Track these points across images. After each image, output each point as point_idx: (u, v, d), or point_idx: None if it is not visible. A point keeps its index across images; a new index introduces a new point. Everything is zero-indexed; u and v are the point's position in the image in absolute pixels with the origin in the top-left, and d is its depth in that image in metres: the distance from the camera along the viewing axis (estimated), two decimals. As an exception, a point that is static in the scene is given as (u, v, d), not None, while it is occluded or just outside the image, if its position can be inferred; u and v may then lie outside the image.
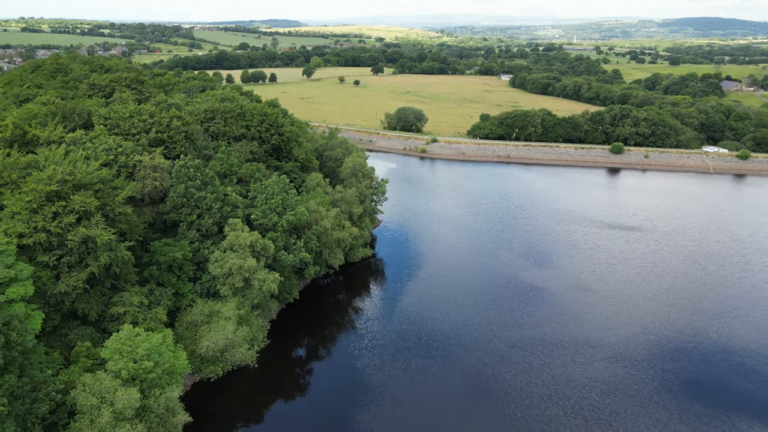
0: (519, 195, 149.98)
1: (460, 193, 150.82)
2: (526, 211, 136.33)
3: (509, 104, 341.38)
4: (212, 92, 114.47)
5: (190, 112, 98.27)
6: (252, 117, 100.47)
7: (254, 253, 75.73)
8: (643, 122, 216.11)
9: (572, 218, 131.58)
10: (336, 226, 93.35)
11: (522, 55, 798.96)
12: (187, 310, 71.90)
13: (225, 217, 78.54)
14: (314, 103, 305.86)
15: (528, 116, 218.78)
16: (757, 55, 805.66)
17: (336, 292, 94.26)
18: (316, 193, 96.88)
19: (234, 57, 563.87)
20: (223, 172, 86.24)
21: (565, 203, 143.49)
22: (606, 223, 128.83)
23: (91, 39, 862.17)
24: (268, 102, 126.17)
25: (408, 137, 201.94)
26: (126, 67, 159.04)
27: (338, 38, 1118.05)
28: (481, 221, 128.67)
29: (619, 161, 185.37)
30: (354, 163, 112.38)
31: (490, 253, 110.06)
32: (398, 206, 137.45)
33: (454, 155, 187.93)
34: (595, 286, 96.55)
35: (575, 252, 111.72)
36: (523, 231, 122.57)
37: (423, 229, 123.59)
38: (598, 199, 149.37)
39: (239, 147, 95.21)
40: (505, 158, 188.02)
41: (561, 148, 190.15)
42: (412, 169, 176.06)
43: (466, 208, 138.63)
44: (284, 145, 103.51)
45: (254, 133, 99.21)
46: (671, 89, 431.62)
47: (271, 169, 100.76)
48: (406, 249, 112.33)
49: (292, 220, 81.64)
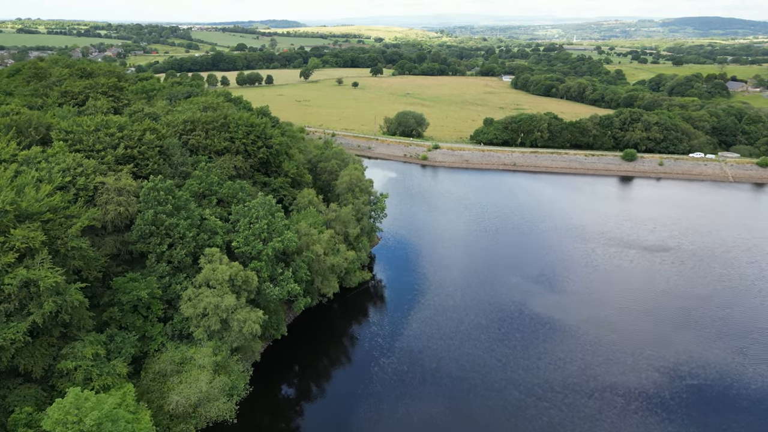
0: (528, 208, 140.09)
1: (465, 206, 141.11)
2: (537, 227, 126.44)
3: (512, 106, 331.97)
4: (195, 99, 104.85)
5: (168, 123, 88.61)
6: (237, 128, 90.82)
7: (234, 288, 66.02)
8: (655, 126, 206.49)
9: (588, 235, 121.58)
10: (330, 251, 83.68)
11: (523, 56, 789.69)
12: (155, 357, 62.16)
13: (201, 246, 68.80)
14: (311, 106, 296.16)
15: (534, 121, 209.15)
16: (759, 54, 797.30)
17: (329, 325, 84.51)
18: (307, 213, 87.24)
19: (231, 58, 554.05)
20: (201, 192, 76.52)
21: (578, 217, 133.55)
22: (626, 241, 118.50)
23: (88, 40, 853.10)
24: (259, 110, 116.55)
25: (409, 143, 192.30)
26: (107, 72, 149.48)
27: (337, 39, 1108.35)
28: (488, 239, 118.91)
29: (632, 169, 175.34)
30: (350, 177, 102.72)
31: (499, 276, 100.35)
32: (399, 220, 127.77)
33: (458, 163, 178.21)
34: (620, 319, 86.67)
35: (595, 275, 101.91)
36: (534, 250, 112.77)
37: (425, 247, 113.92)
38: (614, 212, 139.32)
39: (221, 162, 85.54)
40: (512, 166, 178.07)
41: (570, 155, 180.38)
42: (413, 179, 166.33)
43: (472, 223, 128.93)
44: (273, 159, 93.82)
45: (239, 146, 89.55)
46: (676, 90, 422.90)
47: (258, 186, 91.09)
48: (408, 271, 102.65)
49: (278, 248, 71.95)
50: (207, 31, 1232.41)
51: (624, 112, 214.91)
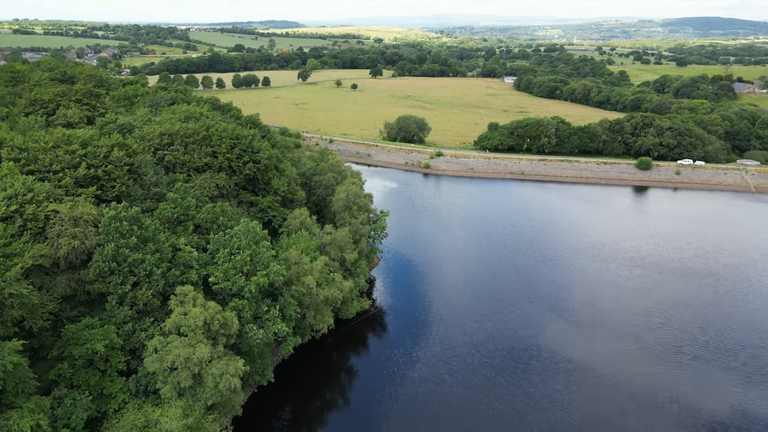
0: (540, 223, 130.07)
1: (471, 220, 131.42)
2: (550, 244, 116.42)
3: (516, 109, 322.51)
4: (177, 108, 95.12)
5: (142, 136, 78.97)
6: (220, 141, 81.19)
7: (209, 333, 56.44)
8: (668, 132, 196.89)
9: (607, 255, 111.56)
10: (323, 281, 74.07)
11: (523, 56, 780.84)
12: (115, 419, 52.55)
13: (172, 283, 59.17)
14: (308, 110, 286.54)
15: (541, 126, 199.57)
16: (761, 55, 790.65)
17: (323, 365, 74.82)
18: (299, 237, 77.63)
19: (228, 59, 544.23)
20: (175, 217, 66.87)
21: (595, 233, 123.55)
22: (650, 261, 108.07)
23: (85, 41, 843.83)
24: (248, 118, 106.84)
25: (410, 150, 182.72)
26: (89, 76, 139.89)
27: (336, 39, 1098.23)
28: (497, 257, 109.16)
29: (647, 178, 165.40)
30: (347, 193, 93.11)
31: (512, 303, 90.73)
32: (400, 237, 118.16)
33: (462, 171, 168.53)
34: (654, 361, 76.86)
35: (617, 303, 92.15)
36: (549, 272, 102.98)
37: (430, 267, 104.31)
38: (632, 226, 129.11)
39: (201, 181, 75.89)
40: (519, 175, 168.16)
41: (581, 164, 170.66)
42: (415, 189, 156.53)
43: (480, 239, 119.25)
44: (261, 176, 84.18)
45: (222, 162, 79.92)
46: (682, 92, 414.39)
47: (243, 206, 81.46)
48: (411, 296, 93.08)
49: (263, 283, 62.35)
50: (205, 31, 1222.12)
51: (635, 116, 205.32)
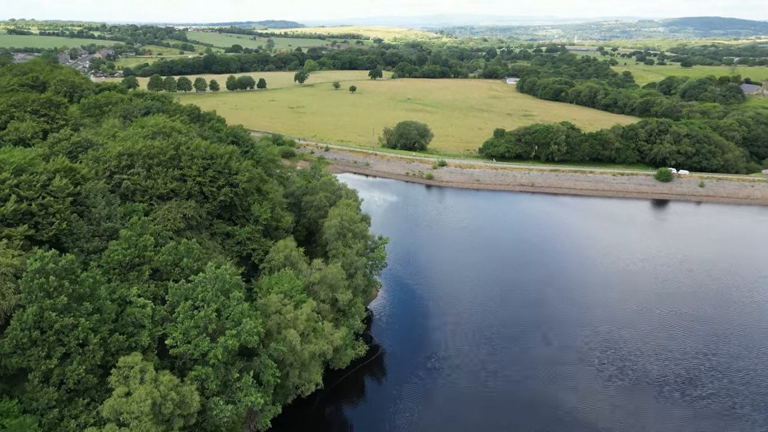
0: (556, 245, 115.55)
1: (480, 241, 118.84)
2: (570, 272, 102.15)
3: (520, 113, 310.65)
4: (145, 121, 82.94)
5: (96, 158, 66.84)
6: (191, 161, 69.14)
7: (160, 417, 44.42)
8: (686, 139, 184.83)
9: (638, 286, 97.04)
10: (310, 330, 62.04)
11: (525, 57, 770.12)
12: None
13: (116, 351, 47.13)
14: (305, 114, 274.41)
15: (550, 132, 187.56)
16: (764, 55, 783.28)
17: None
18: (281, 277, 65.52)
19: (224, 60, 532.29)
20: (128, 260, 54.82)
21: (619, 258, 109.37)
22: (688, 294, 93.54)
23: (81, 41, 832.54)
24: (229, 131, 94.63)
25: (411, 159, 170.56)
26: (60, 81, 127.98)
27: (335, 39, 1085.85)
28: (513, 290, 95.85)
29: (668, 191, 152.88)
30: (341, 218, 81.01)
31: (534, 349, 78.48)
32: (402, 261, 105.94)
33: (467, 183, 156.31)
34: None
35: (658, 353, 79.62)
36: (575, 311, 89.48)
37: (436, 299, 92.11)
38: (660, 248, 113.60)
39: (165, 212, 63.74)
40: (529, 187, 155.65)
41: (596, 174, 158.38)
42: (417, 204, 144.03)
43: (492, 265, 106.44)
44: (239, 201, 72.06)
45: (192, 187, 67.79)
46: (689, 93, 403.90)
47: (217, 239, 69.33)
48: (414, 337, 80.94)
49: (232, 346, 50.33)
50: (203, 32, 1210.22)
51: (650, 122, 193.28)
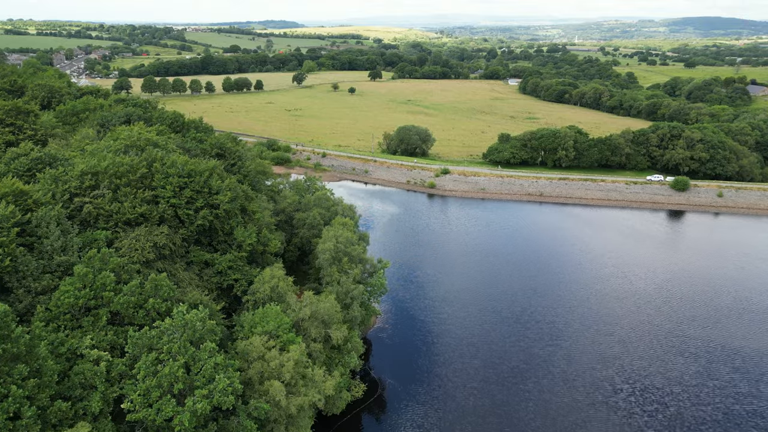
0: (572, 263, 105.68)
1: (486, 260, 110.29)
2: (591, 301, 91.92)
3: (524, 115, 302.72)
4: (119, 132, 74.56)
5: (56, 178, 58.59)
6: (165, 180, 60.94)
7: None
8: (699, 144, 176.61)
9: (675, 328, 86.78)
10: (299, 378, 53.83)
11: (526, 57, 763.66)
12: None
13: (58, 423, 38.84)
14: (302, 117, 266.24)
15: (557, 137, 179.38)
16: (767, 55, 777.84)
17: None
18: (266, 313, 57.27)
19: (221, 61, 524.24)
20: (82, 304, 46.57)
21: (639, 278, 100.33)
22: (722, 326, 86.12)
23: (78, 41, 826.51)
24: (214, 142, 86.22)
25: (412, 166, 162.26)
26: (38, 86, 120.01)
27: (335, 39, 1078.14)
28: (523, 320, 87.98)
29: (685, 201, 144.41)
30: (336, 240, 72.78)
31: (558, 393, 70.41)
32: (403, 282, 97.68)
33: (472, 192, 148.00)
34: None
35: (705, 402, 71.40)
36: (600, 348, 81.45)
37: (439, 326, 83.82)
38: (684, 267, 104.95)
39: (132, 241, 55.51)
40: (538, 196, 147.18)
41: (608, 183, 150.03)
42: (419, 215, 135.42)
43: (498, 290, 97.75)
44: (221, 225, 63.85)
45: (165, 210, 59.57)
46: (694, 95, 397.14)
47: (194, 269, 61.07)
48: (418, 371, 72.67)
49: (202, 410, 42.08)
50: (202, 32, 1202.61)
51: (662, 126, 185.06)
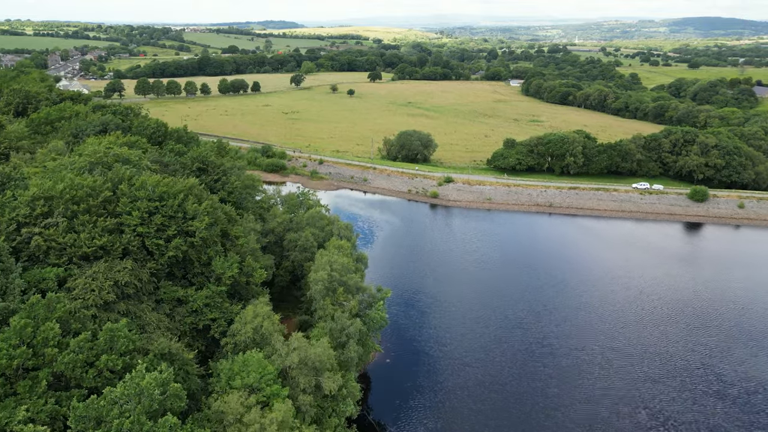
0: (589, 287, 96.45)
1: (495, 281, 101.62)
2: (611, 333, 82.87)
3: (527, 118, 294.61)
4: (84, 147, 66.19)
5: (1, 203, 50.29)
6: (132, 205, 52.70)
7: None
8: (714, 150, 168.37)
9: (717, 371, 77.23)
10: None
11: (527, 57, 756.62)
12: None
13: None
14: (299, 120, 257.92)
15: (565, 143, 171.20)
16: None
17: None
18: (248, 361, 48.99)
19: (218, 62, 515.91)
20: (18, 365, 38.28)
21: (677, 312, 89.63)
22: None
23: (75, 42, 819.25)
24: (195, 156, 77.75)
25: (414, 174, 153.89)
26: (13, 90, 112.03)
27: (335, 40, 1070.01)
28: (537, 353, 79.75)
29: (704, 213, 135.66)
30: (330, 268, 64.49)
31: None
32: (403, 302, 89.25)
33: (477, 202, 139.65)
34: None
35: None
36: (633, 396, 73.67)
37: (445, 359, 75.49)
38: (716, 287, 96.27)
39: (87, 280, 47.21)
40: (547, 207, 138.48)
41: (621, 193, 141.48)
42: (421, 228, 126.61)
43: (508, 317, 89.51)
44: (197, 255, 55.60)
45: (131, 240, 51.33)
46: (700, 96, 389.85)
47: (164, 308, 52.78)
48: (421, 417, 64.39)
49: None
50: (200, 32, 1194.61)
51: (675, 131, 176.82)
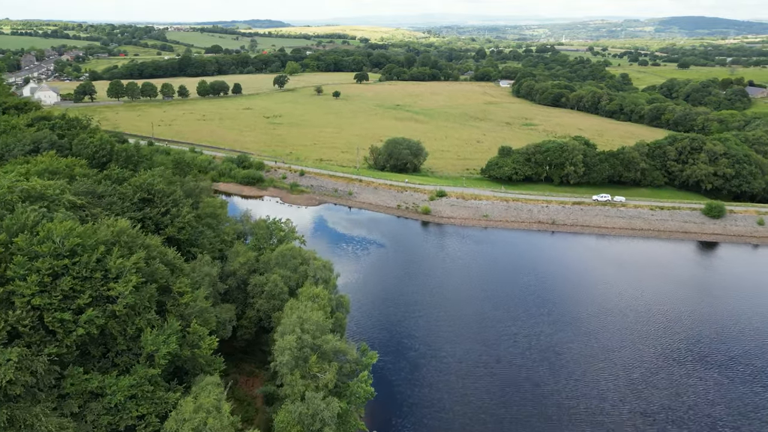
0: (604, 323, 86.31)
1: (498, 322, 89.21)
2: (634, 388, 73.89)
3: (520, 121, 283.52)
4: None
5: None
6: (28, 266, 39.13)
7: None
8: (723, 159, 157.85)
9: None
10: None
11: (515, 57, 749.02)
12: None
13: None
14: (281, 125, 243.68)
15: (565, 151, 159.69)
16: (755, 55, 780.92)
17: None
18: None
19: (200, 62, 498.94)
20: None
21: (700, 343, 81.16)
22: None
23: (55, 41, 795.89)
24: (140, 183, 63.84)
25: (403, 187, 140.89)
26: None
27: (321, 39, 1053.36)
28: (549, 416, 67.72)
29: (721, 231, 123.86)
30: (301, 329, 51.28)
31: None
32: (392, 353, 76.27)
33: (473, 219, 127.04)
34: None
35: None
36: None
37: (443, 422, 62.79)
38: (739, 321, 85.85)
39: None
40: (549, 224, 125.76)
41: (630, 209, 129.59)
42: (412, 252, 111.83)
43: (522, 374, 77.03)
44: (120, 328, 42.10)
45: (22, 318, 37.70)
46: (692, 97, 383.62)
47: (70, 405, 39.21)
48: None
49: None
50: (185, 31, 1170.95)
51: (681, 138, 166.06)
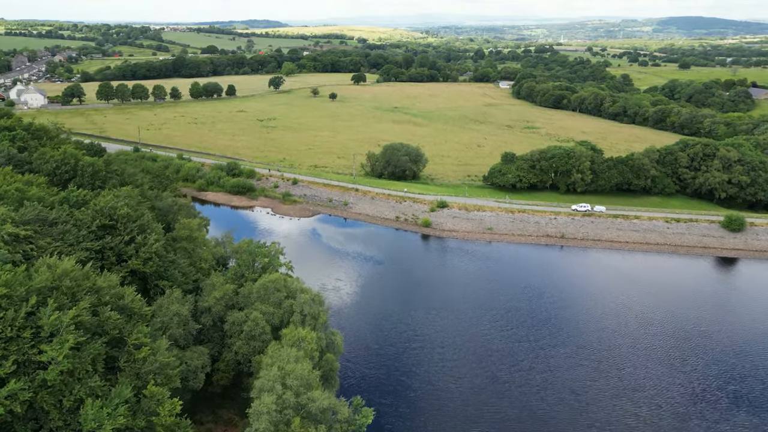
0: (626, 354, 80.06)
1: (507, 357, 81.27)
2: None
3: (521, 123, 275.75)
4: None
5: None
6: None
7: None
8: (738, 166, 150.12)
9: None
10: None
11: (514, 57, 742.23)
12: None
13: None
14: (276, 129, 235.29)
15: (572, 158, 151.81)
16: (754, 55, 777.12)
17: None
18: None
19: (194, 63, 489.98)
20: None
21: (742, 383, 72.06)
22: None
23: (49, 42, 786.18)
24: (100, 210, 55.75)
25: (402, 197, 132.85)
26: None
27: (318, 39, 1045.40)
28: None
29: (742, 245, 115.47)
30: (283, 385, 43.13)
31: None
32: (391, 394, 68.20)
33: (476, 232, 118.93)
34: None
35: None
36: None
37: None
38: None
39: None
40: (558, 238, 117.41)
41: (644, 221, 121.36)
42: (415, 271, 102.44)
43: (539, 423, 69.38)
44: (53, 401, 34.04)
45: None
46: (695, 98, 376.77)
47: None
48: None
49: None
50: (181, 31, 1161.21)
51: (694, 144, 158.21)
